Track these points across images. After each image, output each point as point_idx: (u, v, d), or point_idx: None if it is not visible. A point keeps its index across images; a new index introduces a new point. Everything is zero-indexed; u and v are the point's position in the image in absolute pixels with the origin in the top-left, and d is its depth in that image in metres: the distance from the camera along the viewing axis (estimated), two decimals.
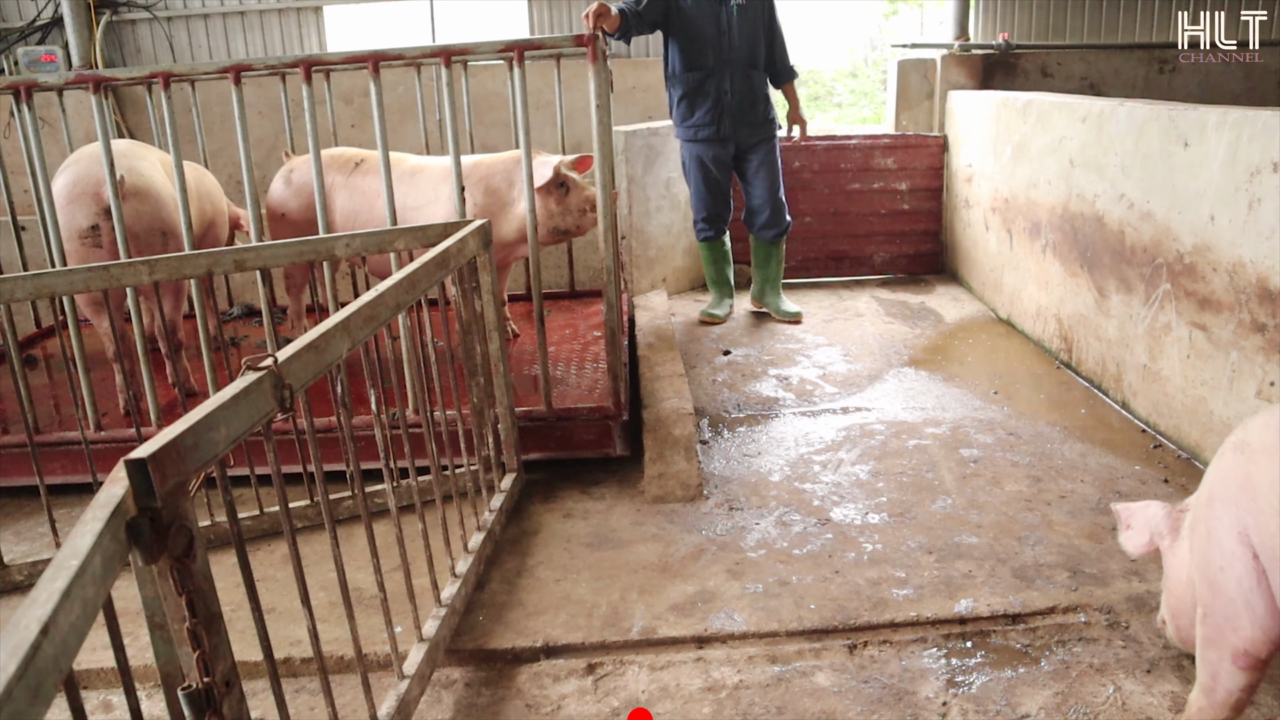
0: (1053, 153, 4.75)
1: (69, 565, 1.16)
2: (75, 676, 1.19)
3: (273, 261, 3.03)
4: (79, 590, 1.14)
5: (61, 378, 4.59)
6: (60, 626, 1.07)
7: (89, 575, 1.17)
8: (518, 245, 4.12)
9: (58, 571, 1.14)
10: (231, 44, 6.81)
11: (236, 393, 1.58)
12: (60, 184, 3.77)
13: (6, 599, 3.08)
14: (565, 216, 3.99)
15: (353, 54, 3.34)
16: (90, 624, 1.18)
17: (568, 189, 3.96)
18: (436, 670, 2.52)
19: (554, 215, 3.97)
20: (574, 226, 4.02)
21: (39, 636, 1.03)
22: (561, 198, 3.96)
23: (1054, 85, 6.63)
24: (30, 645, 1.01)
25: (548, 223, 3.96)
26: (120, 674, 1.37)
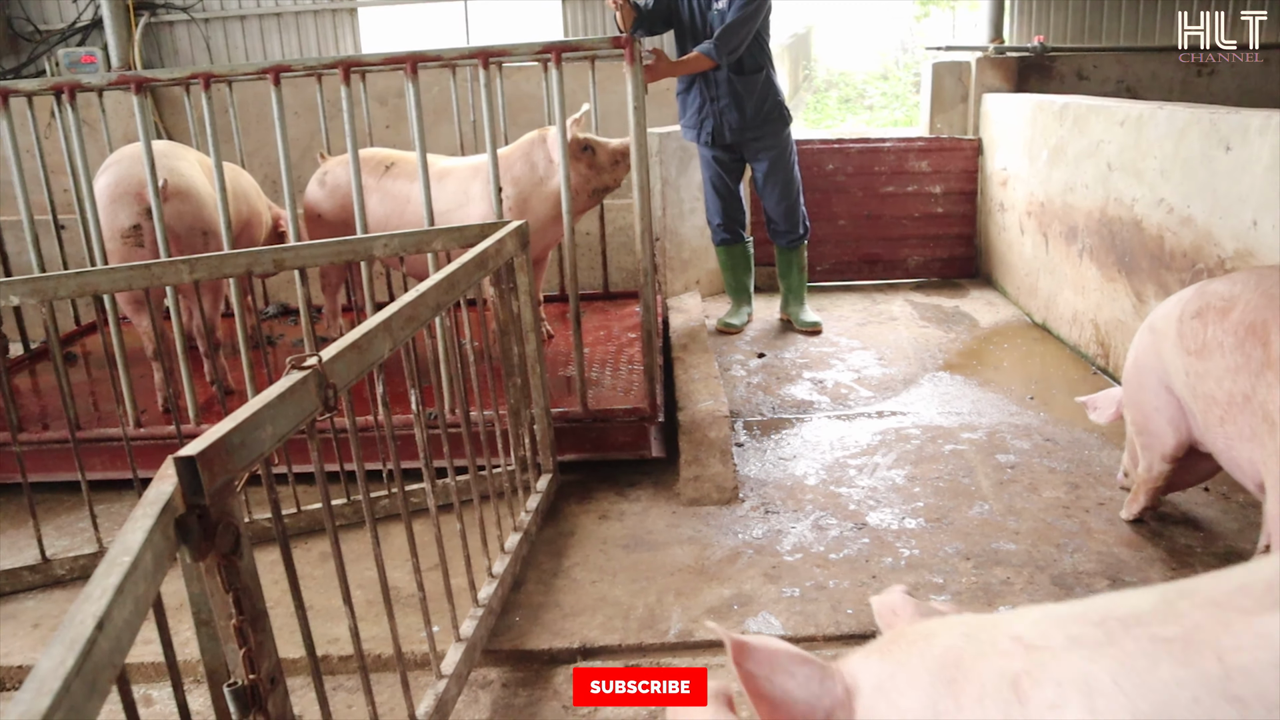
0: (1090, 156, 4.70)
1: (121, 561, 1.16)
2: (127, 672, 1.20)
3: (311, 261, 3.04)
4: (131, 586, 1.15)
5: (100, 374, 4.64)
6: (114, 622, 1.08)
7: (140, 571, 1.18)
8: (554, 225, 4.11)
9: (111, 567, 1.15)
10: (267, 45, 6.87)
11: (282, 392, 1.59)
12: (102, 184, 3.81)
13: (48, 593, 3.12)
14: (600, 175, 4.02)
15: (391, 55, 3.36)
16: (142, 620, 1.19)
17: (593, 150, 3.99)
18: (473, 670, 2.53)
19: (588, 177, 4.01)
20: (611, 181, 4.06)
21: (94, 631, 1.03)
22: (591, 160, 3.99)
23: (1089, 88, 6.56)
24: (87, 640, 1.01)
25: (585, 186, 4.00)
26: (169, 670, 1.38)
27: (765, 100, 4.85)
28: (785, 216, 5.12)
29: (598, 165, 4.02)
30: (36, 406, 4.23)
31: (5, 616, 2.99)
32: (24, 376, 4.66)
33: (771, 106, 4.88)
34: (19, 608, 3.04)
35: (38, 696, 0.92)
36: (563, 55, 3.27)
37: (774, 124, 4.92)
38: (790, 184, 5.06)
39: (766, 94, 4.86)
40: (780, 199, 5.07)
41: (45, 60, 6.68)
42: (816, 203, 6.06)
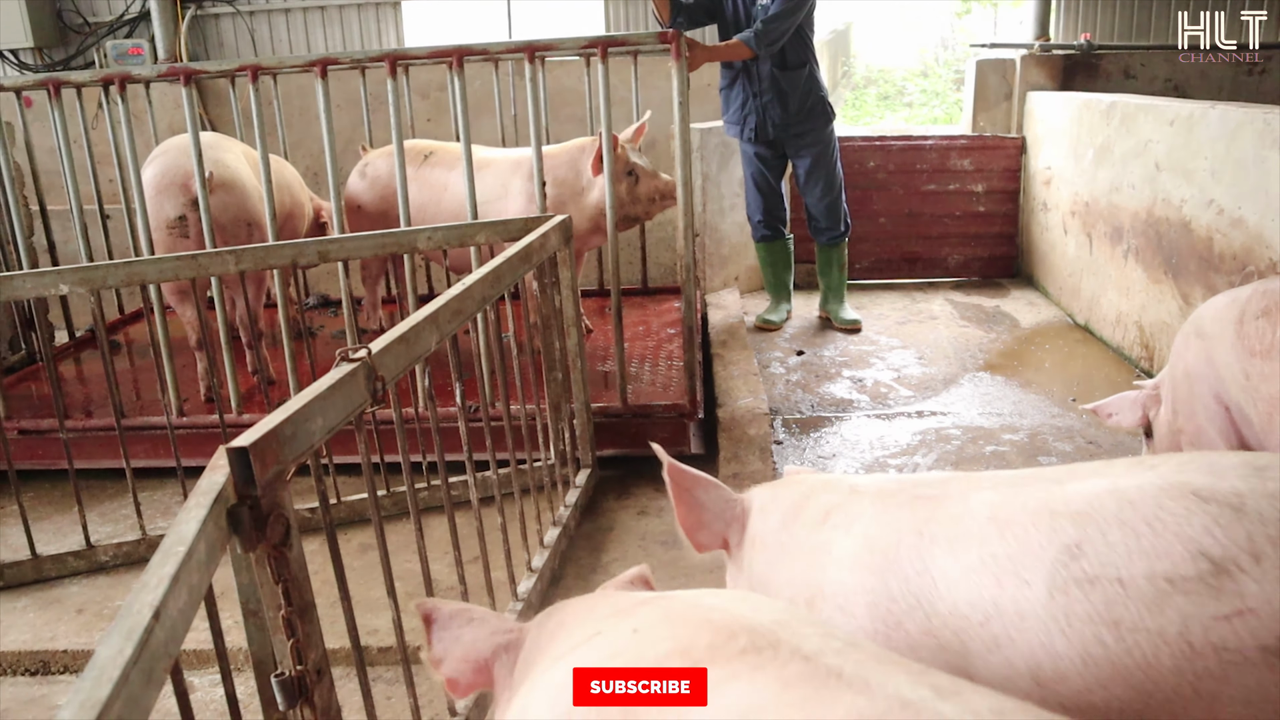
0: (1137, 156, 4.62)
1: (176, 551, 1.17)
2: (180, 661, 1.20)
3: (355, 253, 3.06)
4: (186, 576, 1.15)
5: (142, 363, 4.69)
6: (170, 611, 1.08)
7: (194, 561, 1.18)
8: (590, 235, 4.11)
9: (166, 557, 1.16)
10: (311, 38, 6.91)
11: (332, 384, 1.59)
12: (149, 175, 3.84)
13: (92, 578, 3.15)
14: (635, 205, 4.00)
15: (436, 49, 3.37)
16: (195, 610, 1.19)
17: (637, 178, 3.96)
18: None
19: (624, 204, 3.97)
20: (644, 213, 4.03)
21: (151, 621, 1.03)
22: (631, 186, 3.96)
23: (1136, 87, 6.46)
24: (144, 629, 1.02)
25: (618, 211, 3.95)
26: (219, 660, 1.39)
27: (809, 96, 4.81)
28: (827, 213, 5.08)
29: (635, 195, 3.99)
30: (80, 394, 4.28)
31: (50, 601, 3.03)
32: (68, 364, 4.72)
33: (815, 102, 4.84)
34: (64, 592, 3.08)
35: (97, 685, 0.92)
36: (608, 50, 3.26)
37: (817, 120, 4.87)
38: (832, 181, 5.02)
39: (810, 89, 4.81)
40: (822, 196, 5.03)
41: (94, 52, 6.76)
42: (857, 200, 6.01)
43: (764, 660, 0.85)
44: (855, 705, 0.77)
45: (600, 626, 1.07)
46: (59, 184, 4.72)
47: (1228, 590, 1.10)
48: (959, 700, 0.79)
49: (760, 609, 0.99)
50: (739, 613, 0.97)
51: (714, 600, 1.04)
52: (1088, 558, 1.19)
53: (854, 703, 0.77)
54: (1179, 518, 1.16)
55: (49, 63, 6.82)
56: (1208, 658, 1.09)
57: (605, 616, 1.10)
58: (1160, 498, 1.19)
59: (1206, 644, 1.09)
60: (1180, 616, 1.11)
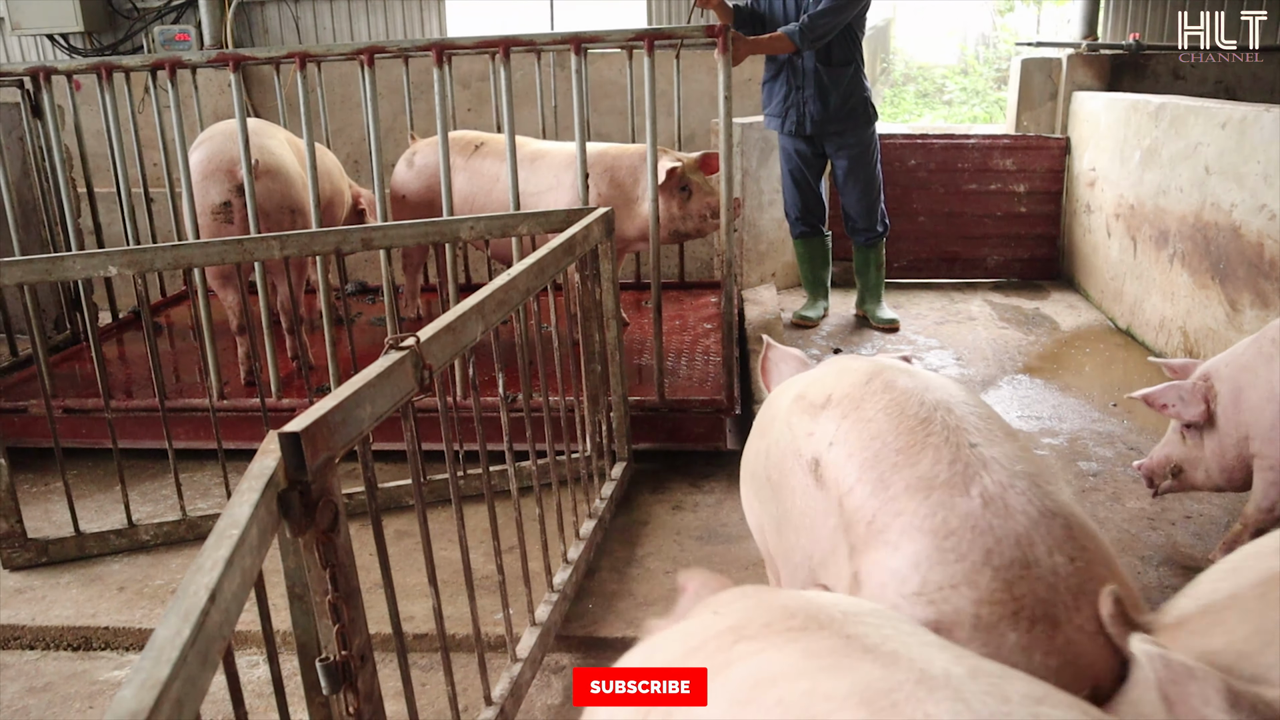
0: (1186, 159, 4.56)
1: (230, 534, 1.18)
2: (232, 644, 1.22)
3: (399, 241, 3.07)
4: (239, 559, 1.16)
5: (182, 345, 4.74)
6: (224, 594, 1.10)
7: (247, 545, 1.20)
8: (636, 241, 4.11)
9: (220, 540, 1.17)
10: (355, 27, 6.95)
11: (381, 371, 1.60)
12: (195, 160, 3.88)
13: (133, 557, 3.19)
14: (686, 221, 3.96)
15: (483, 39, 3.37)
16: (248, 593, 1.20)
17: (690, 192, 3.93)
18: (547, 655, 2.54)
19: (675, 219, 3.94)
20: (694, 230, 3.99)
21: (207, 603, 1.05)
22: (683, 201, 3.92)
23: (1185, 89, 6.36)
24: (200, 611, 1.03)
25: (668, 225, 3.93)
26: (266, 643, 1.40)
27: (851, 95, 4.76)
28: (864, 215, 5.04)
29: (688, 211, 3.96)
30: (122, 374, 4.33)
31: (93, 578, 3.07)
32: (111, 344, 4.78)
33: (857, 102, 4.79)
34: (105, 570, 3.12)
35: (157, 664, 0.93)
36: (654, 42, 3.25)
37: (858, 119, 4.82)
38: (871, 183, 4.97)
39: (853, 88, 4.76)
40: (860, 197, 4.98)
41: (142, 37, 6.84)
42: (896, 198, 5.97)
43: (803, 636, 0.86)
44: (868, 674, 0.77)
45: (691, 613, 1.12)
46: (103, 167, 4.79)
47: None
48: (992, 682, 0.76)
49: (844, 603, 0.98)
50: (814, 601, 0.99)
51: (810, 594, 1.05)
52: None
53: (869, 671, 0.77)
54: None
55: (98, 47, 6.91)
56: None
57: (705, 606, 1.14)
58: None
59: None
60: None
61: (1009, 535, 1.36)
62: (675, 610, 1.32)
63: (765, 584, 2.82)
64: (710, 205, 3.89)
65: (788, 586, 1.77)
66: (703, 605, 1.12)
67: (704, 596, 1.28)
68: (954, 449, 1.49)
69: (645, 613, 2.69)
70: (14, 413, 3.77)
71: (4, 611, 2.87)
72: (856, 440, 1.58)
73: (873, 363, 1.77)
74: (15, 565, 3.10)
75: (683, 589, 1.35)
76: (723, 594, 1.18)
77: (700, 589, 1.31)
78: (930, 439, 1.52)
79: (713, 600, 1.12)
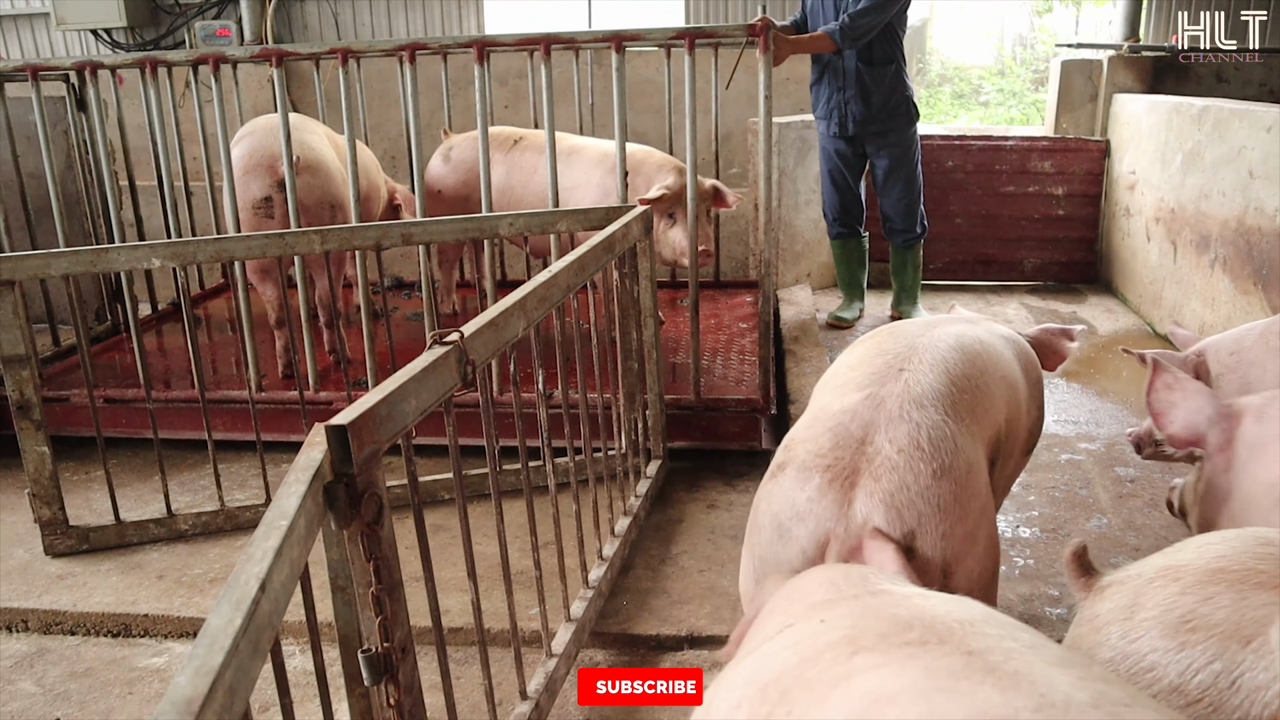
0: (1229, 163, 4.49)
1: (279, 526, 1.19)
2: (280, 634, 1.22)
3: (438, 237, 3.09)
4: (288, 550, 1.17)
5: (219, 338, 4.79)
6: (274, 584, 1.10)
7: (295, 536, 1.21)
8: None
9: (269, 531, 1.18)
10: (394, 23, 6.99)
11: (425, 366, 1.61)
12: (237, 154, 3.91)
13: (171, 546, 3.23)
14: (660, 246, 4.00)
15: (524, 36, 3.38)
16: (295, 583, 1.21)
17: (675, 221, 3.97)
18: (581, 651, 2.54)
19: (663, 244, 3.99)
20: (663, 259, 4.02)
21: (258, 592, 1.06)
22: (666, 228, 3.95)
23: (1229, 91, 6.27)
24: (252, 600, 1.04)
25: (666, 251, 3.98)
26: (310, 634, 1.41)
27: (893, 94, 4.72)
28: (904, 215, 5.00)
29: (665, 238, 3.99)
30: (160, 365, 4.38)
31: (132, 566, 3.11)
32: (150, 336, 4.84)
33: (899, 101, 4.75)
34: (145, 558, 3.16)
35: (211, 652, 0.94)
36: (695, 42, 3.25)
37: (899, 120, 4.78)
38: (912, 183, 4.93)
39: (895, 88, 4.72)
40: (900, 198, 4.94)
41: (184, 32, 6.91)
42: (933, 200, 5.92)
43: (924, 651, 0.85)
44: (988, 699, 0.75)
45: (793, 619, 1.09)
46: (142, 160, 4.85)
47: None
48: (1113, 712, 0.75)
49: (957, 611, 0.97)
50: (928, 609, 0.98)
51: (923, 600, 1.04)
52: None
53: (988, 697, 0.75)
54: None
55: (140, 42, 6.99)
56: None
57: (806, 609, 1.13)
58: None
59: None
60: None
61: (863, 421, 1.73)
62: (753, 608, 1.34)
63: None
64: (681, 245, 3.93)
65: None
66: (802, 610, 1.10)
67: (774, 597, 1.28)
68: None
69: (679, 610, 2.68)
70: (57, 401, 3.82)
71: (46, 597, 2.92)
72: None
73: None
74: (57, 552, 3.14)
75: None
76: (816, 597, 1.16)
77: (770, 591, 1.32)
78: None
79: (808, 604, 1.11)
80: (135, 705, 2.49)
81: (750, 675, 1.01)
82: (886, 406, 1.74)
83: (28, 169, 4.45)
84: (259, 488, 3.44)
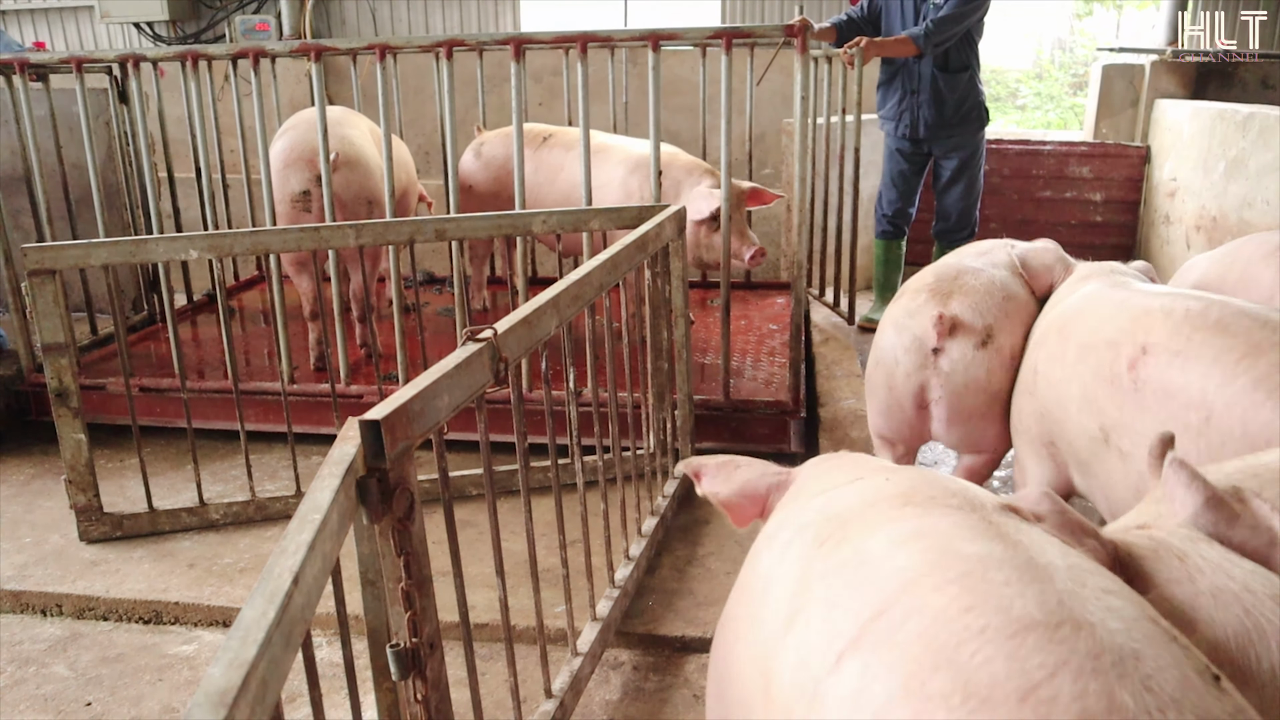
0: (1274, 171, 4.44)
1: (312, 519, 1.19)
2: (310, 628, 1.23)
3: (471, 233, 3.10)
4: (320, 544, 1.18)
5: (252, 329, 4.83)
6: (306, 578, 1.11)
7: (328, 530, 1.21)
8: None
9: (302, 524, 1.18)
10: (430, 20, 7.03)
11: (459, 362, 1.61)
12: (278, 148, 3.94)
13: (202, 535, 3.26)
14: (709, 251, 3.91)
15: (560, 34, 3.38)
16: (327, 577, 1.22)
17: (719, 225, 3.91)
18: (606, 650, 2.54)
19: (700, 245, 3.90)
20: (715, 262, 3.93)
21: (291, 586, 1.06)
22: (711, 231, 3.86)
23: (1275, 98, 6.19)
24: (285, 593, 1.04)
25: (692, 250, 3.89)
26: (340, 627, 1.42)
27: (965, 100, 4.72)
28: (961, 216, 4.97)
29: (713, 242, 3.89)
30: (195, 356, 4.43)
31: (164, 554, 3.14)
32: (185, 326, 4.89)
33: (971, 106, 4.75)
34: (177, 546, 3.19)
35: (244, 645, 0.95)
36: (733, 41, 3.24)
37: (970, 124, 4.79)
38: (974, 184, 4.93)
39: (968, 94, 4.73)
40: (961, 198, 4.92)
41: (224, 26, 6.98)
42: None
43: (957, 513, 1.10)
44: (990, 550, 1.00)
45: (864, 474, 1.33)
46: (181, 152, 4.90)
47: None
48: (1078, 574, 0.97)
49: (988, 496, 1.22)
50: (970, 488, 1.21)
51: (965, 482, 1.27)
52: None
53: (991, 549, 1.00)
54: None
55: (180, 35, 7.07)
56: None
57: (874, 470, 1.35)
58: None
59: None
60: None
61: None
62: (704, 479, 1.66)
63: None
64: (733, 247, 3.83)
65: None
66: (873, 470, 1.35)
67: (722, 472, 1.65)
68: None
69: (705, 612, 2.68)
70: (94, 389, 3.87)
71: (80, 582, 2.95)
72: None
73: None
74: (91, 538, 3.18)
75: (698, 474, 1.67)
76: (888, 465, 1.43)
77: (717, 468, 1.67)
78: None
79: (883, 469, 1.35)
80: (165, 691, 2.52)
81: (820, 506, 1.28)
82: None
83: (70, 159, 4.51)
84: (289, 479, 3.47)
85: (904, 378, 2.58)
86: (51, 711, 2.45)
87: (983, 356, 2.48)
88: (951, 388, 2.52)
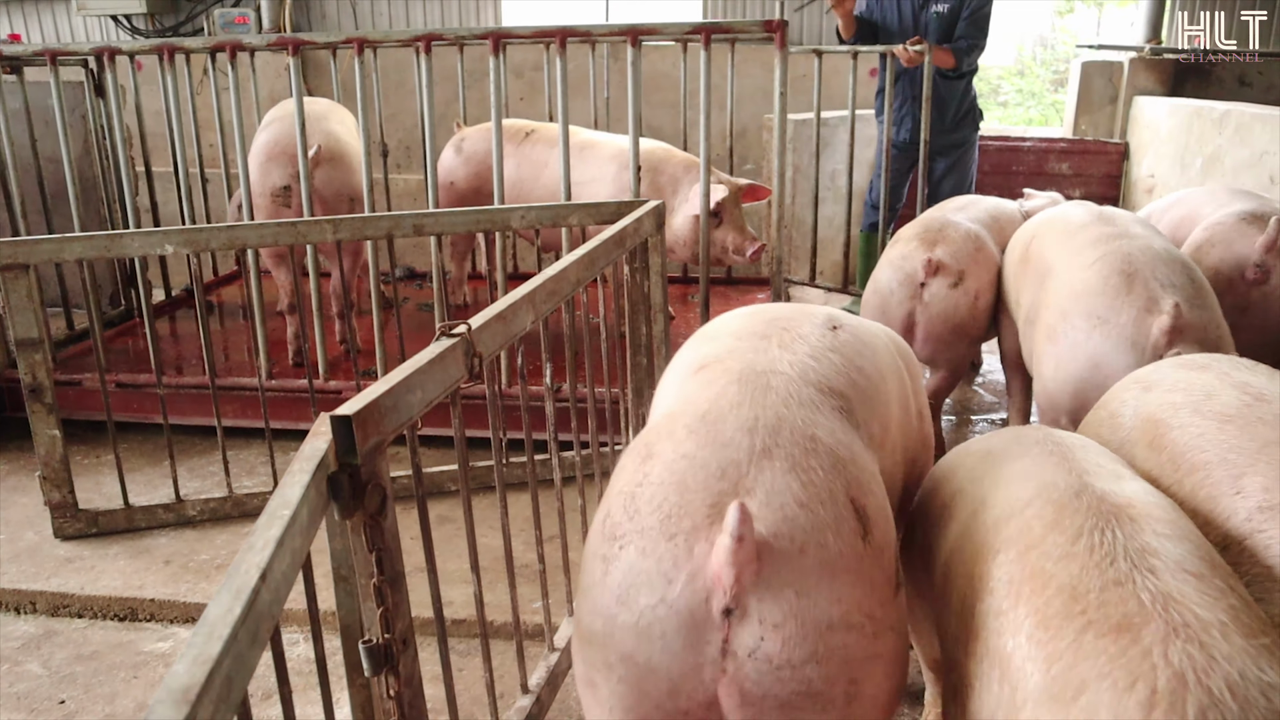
0: (1250, 168, 4.47)
1: (281, 515, 1.19)
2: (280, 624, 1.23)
3: (450, 228, 3.09)
4: (289, 540, 1.17)
5: (231, 325, 4.81)
6: (274, 573, 1.10)
7: (297, 526, 1.20)
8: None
9: (271, 520, 1.18)
10: (410, 15, 6.99)
11: (432, 358, 1.61)
12: (260, 141, 3.92)
13: (179, 531, 3.24)
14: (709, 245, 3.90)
15: (540, 29, 3.37)
16: (296, 573, 1.21)
17: (720, 220, 3.90)
18: None
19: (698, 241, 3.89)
20: (713, 259, 3.92)
21: (258, 582, 1.05)
22: (712, 227, 3.86)
23: (1252, 95, 6.23)
24: (251, 590, 1.04)
25: (691, 245, 3.89)
26: (311, 623, 1.41)
27: (963, 104, 4.85)
28: None
29: (712, 237, 3.88)
30: (173, 351, 4.40)
31: (140, 551, 3.13)
32: (163, 321, 4.86)
33: (968, 109, 4.88)
34: (153, 543, 3.18)
35: (209, 641, 0.94)
36: (711, 37, 3.23)
37: (966, 128, 4.93)
38: (964, 179, 5.02)
39: (965, 98, 4.85)
40: (951, 192, 4.96)
41: (202, 19, 6.93)
42: None
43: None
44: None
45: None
46: (159, 147, 4.87)
47: None
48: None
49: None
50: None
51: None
52: None
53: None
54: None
55: (159, 28, 7.01)
56: None
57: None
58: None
59: None
60: None
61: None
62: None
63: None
64: (734, 242, 3.87)
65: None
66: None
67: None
68: None
69: None
70: (69, 385, 3.84)
71: (55, 579, 2.94)
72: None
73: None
74: (66, 535, 3.16)
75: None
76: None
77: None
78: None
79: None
80: (140, 689, 2.51)
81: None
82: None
83: (45, 153, 4.47)
84: (267, 475, 3.45)
85: (896, 305, 3.28)
86: (24, 710, 2.44)
87: (955, 294, 3.23)
88: (928, 315, 3.24)
